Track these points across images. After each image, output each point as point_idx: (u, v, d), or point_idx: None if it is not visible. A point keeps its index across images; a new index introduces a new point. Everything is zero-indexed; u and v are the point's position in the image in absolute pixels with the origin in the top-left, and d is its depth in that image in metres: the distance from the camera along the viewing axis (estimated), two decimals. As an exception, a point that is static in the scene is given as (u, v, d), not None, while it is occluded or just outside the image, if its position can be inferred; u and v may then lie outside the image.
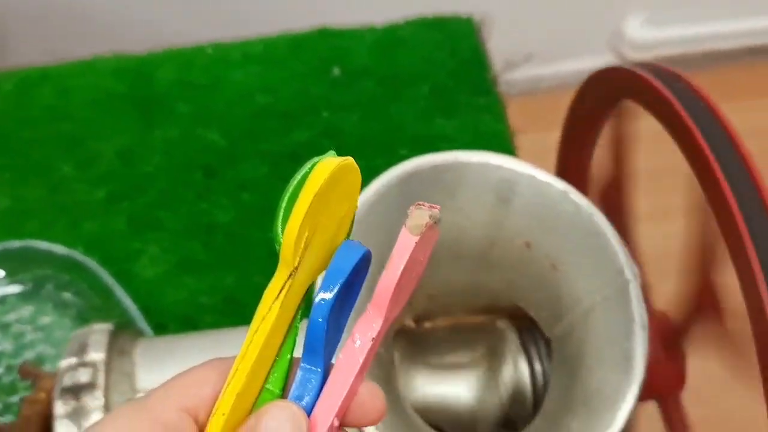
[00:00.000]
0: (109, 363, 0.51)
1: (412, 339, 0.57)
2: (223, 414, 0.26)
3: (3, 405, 0.69)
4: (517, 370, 0.54)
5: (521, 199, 0.52)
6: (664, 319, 0.56)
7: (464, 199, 0.52)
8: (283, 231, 0.27)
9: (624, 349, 0.46)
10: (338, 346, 0.28)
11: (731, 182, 0.43)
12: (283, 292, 0.27)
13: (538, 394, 0.53)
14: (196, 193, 0.82)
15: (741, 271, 0.42)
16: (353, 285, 0.28)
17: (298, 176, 0.27)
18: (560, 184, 0.51)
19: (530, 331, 0.56)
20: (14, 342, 0.72)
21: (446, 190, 0.52)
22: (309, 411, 0.27)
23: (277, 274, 0.27)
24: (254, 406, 0.28)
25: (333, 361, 0.28)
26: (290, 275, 0.27)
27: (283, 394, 0.28)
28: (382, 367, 0.49)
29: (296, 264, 0.27)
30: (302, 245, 0.27)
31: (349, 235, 0.29)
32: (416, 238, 0.27)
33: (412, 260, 0.27)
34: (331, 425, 0.27)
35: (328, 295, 0.26)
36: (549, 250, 0.51)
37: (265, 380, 0.28)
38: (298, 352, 0.28)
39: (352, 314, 0.28)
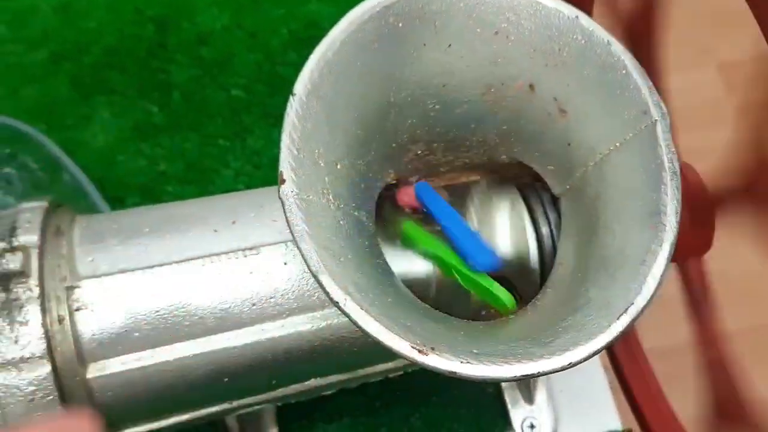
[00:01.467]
0: (42, 246, 0.43)
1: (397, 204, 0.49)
2: None
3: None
4: (522, 234, 0.47)
5: (521, 30, 0.43)
6: (694, 178, 0.49)
7: (453, 34, 0.43)
8: None
9: (650, 202, 0.39)
10: None
11: None
12: None
13: (546, 261, 0.46)
14: (148, 49, 0.72)
15: None
16: None
17: None
18: (569, 10, 0.42)
19: (534, 189, 0.48)
20: (-47, 225, 0.64)
21: (431, 25, 0.43)
22: None
23: None
24: None
25: None
26: None
27: None
28: (366, 237, 0.41)
29: None
30: None
31: None
32: None
33: None
34: None
35: None
36: (556, 91, 0.43)
37: None
38: None
39: None
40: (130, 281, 0.43)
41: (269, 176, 0.66)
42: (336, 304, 0.36)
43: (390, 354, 0.45)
